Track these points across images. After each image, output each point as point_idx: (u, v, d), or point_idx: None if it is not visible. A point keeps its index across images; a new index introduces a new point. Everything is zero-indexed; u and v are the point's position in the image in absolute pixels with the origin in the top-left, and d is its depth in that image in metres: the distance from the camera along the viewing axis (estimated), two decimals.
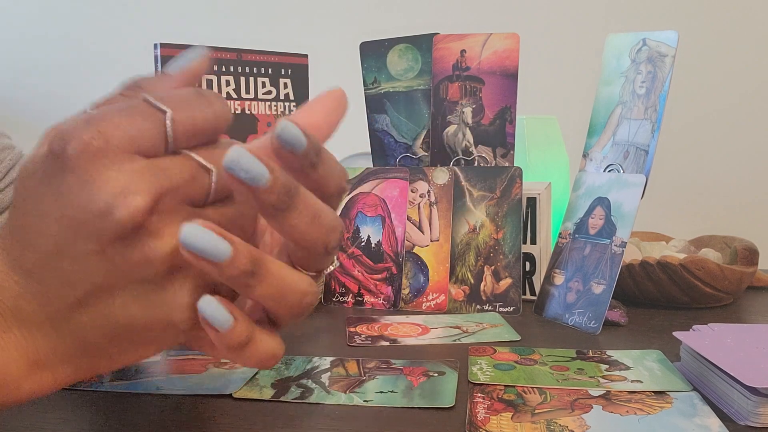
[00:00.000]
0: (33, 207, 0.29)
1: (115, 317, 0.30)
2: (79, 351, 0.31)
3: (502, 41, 0.70)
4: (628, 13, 1.34)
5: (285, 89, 0.72)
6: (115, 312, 0.30)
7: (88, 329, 0.30)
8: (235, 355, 0.31)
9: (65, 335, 0.30)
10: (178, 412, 0.42)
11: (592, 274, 0.62)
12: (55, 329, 0.30)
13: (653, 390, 0.45)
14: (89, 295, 0.29)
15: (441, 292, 0.69)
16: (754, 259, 0.70)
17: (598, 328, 0.60)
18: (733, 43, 1.31)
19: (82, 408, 0.42)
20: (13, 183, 0.31)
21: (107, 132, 0.28)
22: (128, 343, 0.31)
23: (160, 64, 0.65)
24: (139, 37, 1.31)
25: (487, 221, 0.69)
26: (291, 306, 0.31)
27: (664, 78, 0.63)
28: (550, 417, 0.40)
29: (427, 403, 0.43)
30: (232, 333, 0.29)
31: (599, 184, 0.65)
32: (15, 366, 0.30)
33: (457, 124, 0.72)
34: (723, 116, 1.33)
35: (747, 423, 0.39)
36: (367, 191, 0.73)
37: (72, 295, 0.29)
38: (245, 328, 0.30)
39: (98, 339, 0.30)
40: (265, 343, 0.31)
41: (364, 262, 0.71)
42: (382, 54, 0.74)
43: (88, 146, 0.28)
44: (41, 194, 0.29)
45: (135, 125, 0.28)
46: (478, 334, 0.59)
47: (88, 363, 0.31)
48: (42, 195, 0.29)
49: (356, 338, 0.58)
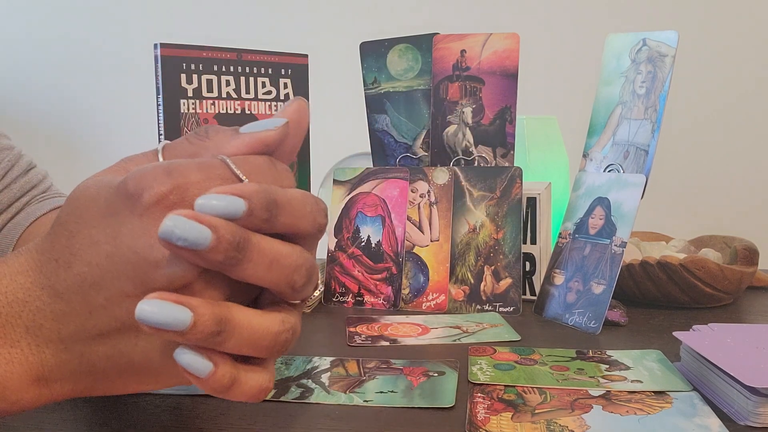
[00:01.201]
0: (87, 233, 0.29)
1: (132, 356, 0.30)
2: (84, 373, 0.31)
3: (502, 41, 0.70)
4: (628, 13, 1.34)
5: (285, 89, 0.72)
6: (134, 351, 0.30)
7: (101, 358, 0.30)
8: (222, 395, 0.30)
9: (75, 357, 0.30)
10: (178, 412, 0.42)
11: (592, 274, 0.62)
12: (66, 350, 0.30)
13: (653, 390, 0.45)
14: (114, 331, 0.30)
15: (441, 292, 0.69)
16: (754, 259, 0.70)
17: (598, 328, 0.60)
18: (733, 43, 1.31)
19: (82, 408, 0.42)
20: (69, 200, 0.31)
21: (184, 188, 0.29)
22: (135, 378, 0.31)
23: (160, 64, 0.65)
24: (139, 37, 1.31)
25: (487, 221, 0.69)
26: (267, 348, 0.30)
27: (664, 78, 0.63)
28: (550, 417, 0.40)
29: (427, 403, 0.43)
30: (214, 378, 0.29)
31: (599, 184, 0.65)
32: (17, 379, 0.30)
33: (457, 124, 0.72)
34: (723, 116, 1.33)
35: (747, 423, 0.39)
36: (367, 191, 0.73)
37: (96, 327, 0.30)
38: (227, 371, 0.29)
39: (107, 368, 0.31)
40: (251, 380, 0.30)
41: (364, 262, 0.71)
42: (382, 54, 0.74)
43: (163, 198, 0.28)
44: (100, 224, 0.29)
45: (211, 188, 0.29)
46: (478, 334, 0.59)
47: (88, 384, 0.32)
48: (100, 225, 0.29)
49: (356, 338, 0.58)
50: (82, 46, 1.57)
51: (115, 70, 1.55)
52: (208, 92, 0.68)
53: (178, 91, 0.66)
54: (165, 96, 0.65)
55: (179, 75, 0.66)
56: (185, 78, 0.66)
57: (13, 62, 1.61)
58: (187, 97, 0.66)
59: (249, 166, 0.31)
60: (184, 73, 0.66)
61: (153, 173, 0.29)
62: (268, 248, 0.29)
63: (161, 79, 0.65)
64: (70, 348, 0.30)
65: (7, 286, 0.30)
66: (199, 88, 0.67)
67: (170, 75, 0.65)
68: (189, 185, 0.29)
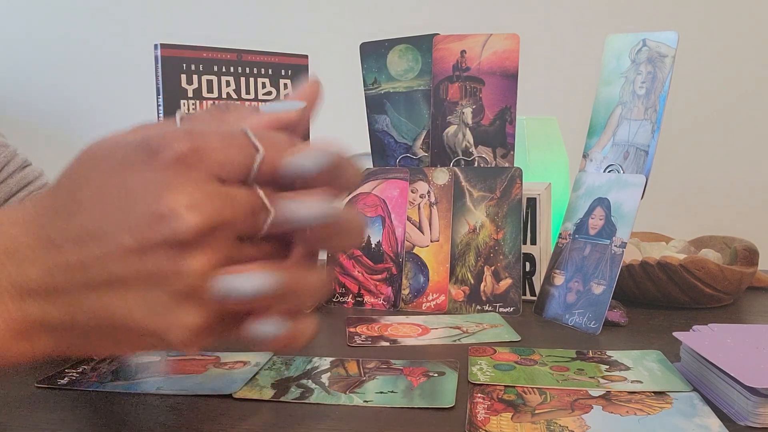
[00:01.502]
0: (96, 183, 0.30)
1: (115, 310, 0.30)
2: (66, 329, 0.31)
3: (502, 42, 0.70)
4: (628, 13, 1.34)
5: (285, 89, 0.72)
6: (118, 306, 0.30)
7: (84, 311, 0.30)
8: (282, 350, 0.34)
9: (59, 310, 0.30)
10: (178, 412, 0.42)
11: (592, 274, 0.62)
12: (51, 302, 0.30)
13: (653, 390, 0.45)
14: (103, 283, 0.30)
15: (441, 293, 0.69)
16: (754, 259, 0.70)
17: (598, 328, 0.60)
18: (733, 43, 1.31)
19: (82, 408, 0.42)
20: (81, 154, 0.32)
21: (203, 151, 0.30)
22: (112, 337, 0.31)
23: (160, 65, 0.65)
24: (139, 37, 1.31)
25: (487, 221, 0.69)
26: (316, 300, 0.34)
27: (664, 78, 0.63)
28: (550, 417, 0.40)
29: (427, 403, 0.43)
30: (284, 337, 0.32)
31: (599, 184, 0.65)
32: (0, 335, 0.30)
33: (457, 124, 0.72)
34: (723, 116, 1.33)
35: (747, 423, 0.39)
36: (367, 191, 0.73)
37: (86, 277, 0.30)
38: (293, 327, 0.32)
39: (88, 323, 0.31)
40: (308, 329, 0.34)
41: (364, 262, 0.71)
42: (382, 54, 0.74)
43: (182, 157, 0.29)
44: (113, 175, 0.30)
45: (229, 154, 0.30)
46: (478, 335, 0.59)
47: (69, 341, 0.32)
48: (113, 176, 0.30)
49: (356, 338, 0.58)
50: (82, 46, 1.57)
51: (115, 71, 1.55)
52: (209, 93, 0.68)
53: (179, 91, 0.66)
54: (165, 96, 0.65)
55: (179, 75, 0.66)
56: (185, 78, 0.66)
57: (13, 62, 1.61)
58: (187, 98, 0.66)
59: (268, 140, 0.31)
60: (184, 73, 0.66)
61: (175, 133, 0.30)
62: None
63: (161, 80, 0.65)
64: (54, 300, 0.30)
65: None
66: (200, 89, 0.67)
67: (170, 75, 0.65)
68: (208, 149, 0.30)
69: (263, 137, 0.31)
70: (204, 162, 0.29)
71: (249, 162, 0.31)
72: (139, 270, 0.29)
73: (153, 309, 0.30)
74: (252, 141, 0.31)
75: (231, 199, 0.30)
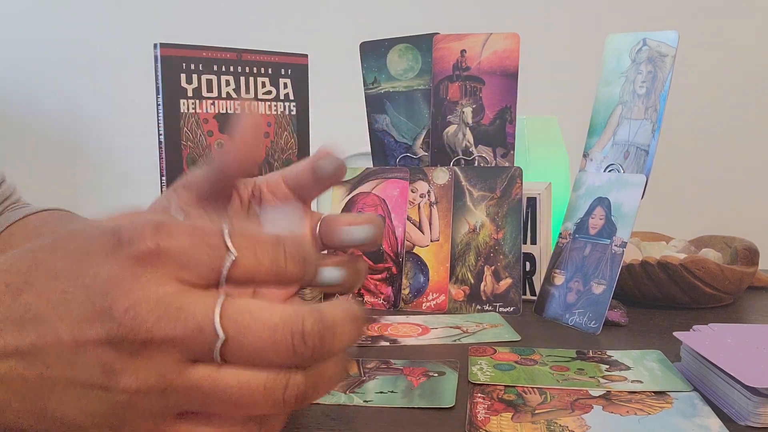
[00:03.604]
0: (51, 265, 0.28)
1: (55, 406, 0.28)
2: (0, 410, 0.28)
3: (502, 41, 0.70)
4: (628, 13, 1.34)
5: (285, 89, 0.72)
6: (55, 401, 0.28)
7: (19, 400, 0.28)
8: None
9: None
10: None
11: (593, 274, 0.62)
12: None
13: (653, 390, 0.45)
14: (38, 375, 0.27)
15: (441, 292, 0.69)
16: (755, 259, 0.70)
17: (598, 328, 0.60)
18: (733, 43, 1.31)
19: None
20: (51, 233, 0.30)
21: (166, 251, 0.27)
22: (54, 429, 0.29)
23: (159, 64, 0.65)
24: (139, 37, 1.31)
25: (487, 221, 0.69)
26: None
27: (664, 78, 0.63)
28: (550, 417, 0.40)
29: (427, 403, 0.43)
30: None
31: (599, 184, 0.65)
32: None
33: (457, 124, 0.72)
34: (723, 116, 1.33)
35: (747, 423, 0.39)
36: (367, 191, 0.73)
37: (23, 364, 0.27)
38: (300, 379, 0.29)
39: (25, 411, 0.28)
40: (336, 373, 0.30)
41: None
42: (382, 54, 0.74)
43: (144, 255, 0.27)
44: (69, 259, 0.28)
45: (194, 257, 0.28)
46: (478, 335, 0.59)
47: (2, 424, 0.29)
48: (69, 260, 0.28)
49: None
50: (82, 46, 1.57)
51: (115, 70, 1.55)
52: (208, 92, 0.68)
53: (178, 91, 0.66)
54: (165, 96, 0.65)
55: (179, 75, 0.66)
56: (185, 78, 0.66)
57: (13, 62, 1.61)
58: (186, 97, 0.66)
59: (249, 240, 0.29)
60: (183, 73, 0.66)
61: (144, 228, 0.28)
62: None
63: (161, 79, 0.65)
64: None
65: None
66: (199, 88, 0.67)
67: (170, 75, 0.65)
68: (173, 249, 0.28)
69: (244, 236, 0.29)
70: (166, 264, 0.27)
71: (218, 265, 0.28)
72: (73, 368, 0.27)
73: (90, 412, 0.28)
74: (226, 243, 0.29)
75: (178, 311, 0.27)
